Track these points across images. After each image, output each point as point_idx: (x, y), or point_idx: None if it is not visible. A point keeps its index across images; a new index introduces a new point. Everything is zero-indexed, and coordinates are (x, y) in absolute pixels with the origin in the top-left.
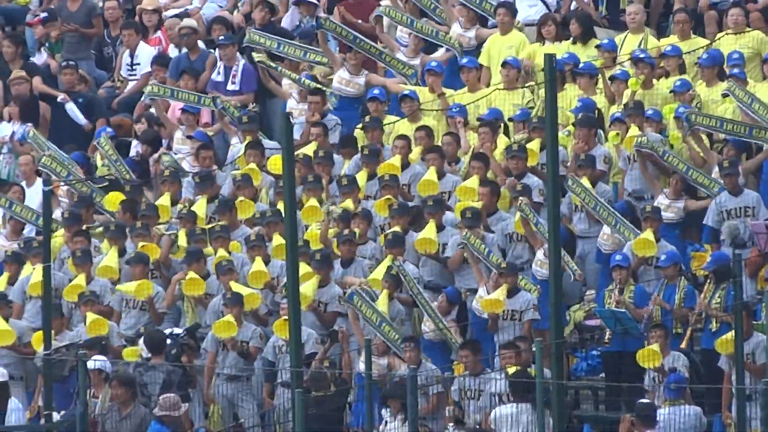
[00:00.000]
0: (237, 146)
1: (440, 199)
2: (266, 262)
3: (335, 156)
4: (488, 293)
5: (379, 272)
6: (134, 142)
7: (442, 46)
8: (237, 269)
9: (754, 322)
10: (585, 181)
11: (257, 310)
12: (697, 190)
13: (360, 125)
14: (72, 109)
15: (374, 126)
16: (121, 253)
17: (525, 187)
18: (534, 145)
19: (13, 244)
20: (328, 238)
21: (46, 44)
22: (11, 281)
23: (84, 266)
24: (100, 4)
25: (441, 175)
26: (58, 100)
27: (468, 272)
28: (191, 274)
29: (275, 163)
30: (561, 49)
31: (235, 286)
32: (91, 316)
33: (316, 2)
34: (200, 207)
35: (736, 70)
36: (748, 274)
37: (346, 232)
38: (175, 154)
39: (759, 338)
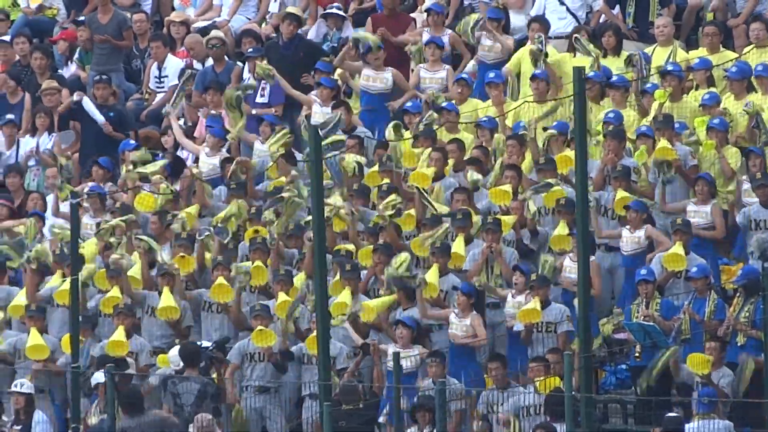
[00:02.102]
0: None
1: (468, 212)
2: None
3: None
4: (514, 297)
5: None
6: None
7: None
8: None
9: None
10: (621, 192)
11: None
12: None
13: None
14: (88, 105)
15: (426, 135)
16: (151, 265)
17: (568, 201)
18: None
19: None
20: (357, 239)
21: (77, 56)
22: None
23: (117, 278)
24: (129, 16)
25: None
26: (74, 98)
27: None
28: (220, 280)
29: None
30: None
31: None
32: (115, 335)
33: (344, 15)
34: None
35: None
36: None
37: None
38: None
39: None
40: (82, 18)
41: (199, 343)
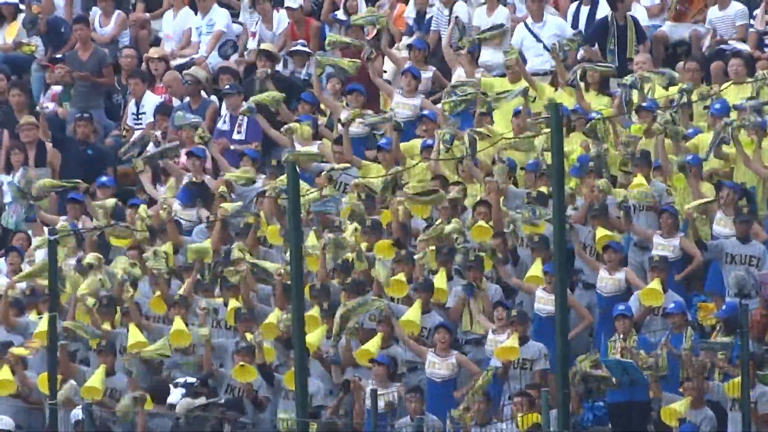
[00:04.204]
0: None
1: (453, 248)
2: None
3: None
4: (495, 334)
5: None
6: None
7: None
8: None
9: (759, 372)
10: (601, 230)
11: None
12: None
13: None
14: None
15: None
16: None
17: (542, 237)
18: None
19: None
20: (327, 273)
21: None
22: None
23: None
24: (116, 53)
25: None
26: None
27: None
28: (177, 324)
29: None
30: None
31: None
32: (93, 378)
33: (310, 51)
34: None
35: (759, 119)
36: (753, 336)
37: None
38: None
39: (763, 389)
40: (59, 55)
41: (183, 379)
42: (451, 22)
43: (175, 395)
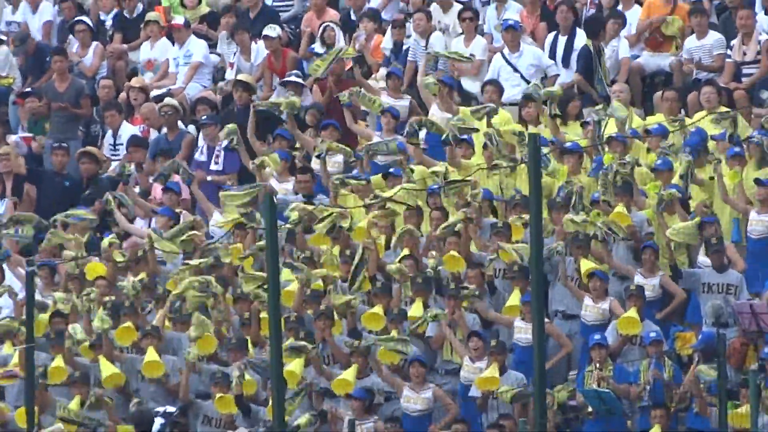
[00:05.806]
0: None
1: (429, 277)
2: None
3: None
4: (473, 362)
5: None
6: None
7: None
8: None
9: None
10: (585, 262)
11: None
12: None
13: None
14: None
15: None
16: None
17: (521, 267)
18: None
19: None
20: (302, 306)
21: (25, 125)
22: None
23: (61, 347)
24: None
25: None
26: None
27: None
28: (151, 354)
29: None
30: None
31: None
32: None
33: (303, 83)
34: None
35: (737, 149)
36: (732, 364)
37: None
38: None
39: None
40: (28, 89)
41: (163, 408)
42: (425, 55)
43: (155, 425)
